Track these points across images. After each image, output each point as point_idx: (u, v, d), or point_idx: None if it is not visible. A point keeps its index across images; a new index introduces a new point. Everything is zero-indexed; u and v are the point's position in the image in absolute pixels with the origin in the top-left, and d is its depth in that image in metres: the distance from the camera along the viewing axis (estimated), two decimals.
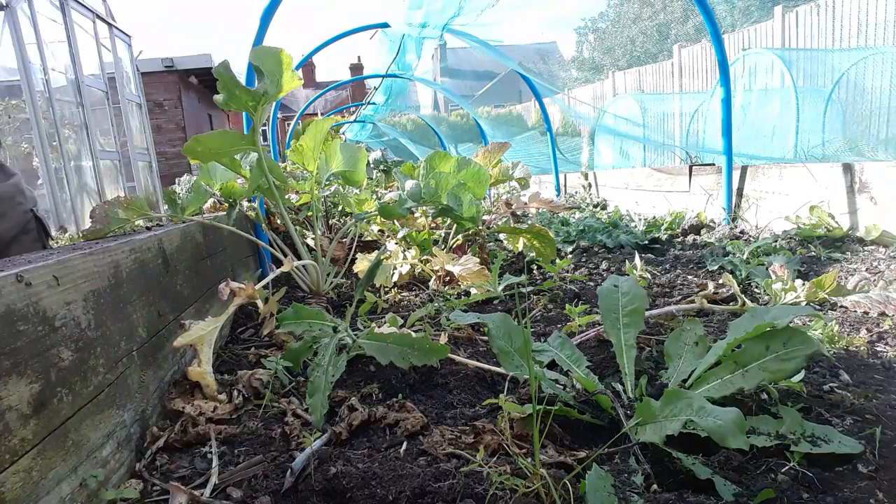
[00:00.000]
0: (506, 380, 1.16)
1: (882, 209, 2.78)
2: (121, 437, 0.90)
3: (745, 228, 3.47)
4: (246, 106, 1.60)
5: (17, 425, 0.64)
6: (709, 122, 6.75)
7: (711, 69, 9.84)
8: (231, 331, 1.76)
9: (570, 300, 1.96)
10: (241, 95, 1.56)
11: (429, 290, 2.20)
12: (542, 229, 2.40)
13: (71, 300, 0.79)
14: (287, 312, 1.34)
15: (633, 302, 1.27)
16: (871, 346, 1.41)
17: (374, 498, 0.82)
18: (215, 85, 1.56)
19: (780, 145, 6.18)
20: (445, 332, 1.59)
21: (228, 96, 1.55)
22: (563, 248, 3.13)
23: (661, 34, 28.94)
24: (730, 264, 2.36)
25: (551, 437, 0.99)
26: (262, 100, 1.58)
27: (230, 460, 0.96)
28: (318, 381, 1.13)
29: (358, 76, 12.94)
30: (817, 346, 0.97)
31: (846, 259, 2.46)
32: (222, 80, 1.51)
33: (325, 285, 2.14)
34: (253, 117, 1.66)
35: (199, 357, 1.14)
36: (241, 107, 1.61)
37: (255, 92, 1.56)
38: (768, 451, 0.94)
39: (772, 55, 6.93)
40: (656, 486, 0.85)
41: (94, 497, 0.79)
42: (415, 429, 1.03)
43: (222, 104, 1.55)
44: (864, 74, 6.26)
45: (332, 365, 1.18)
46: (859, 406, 1.09)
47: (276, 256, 2.13)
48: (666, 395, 0.94)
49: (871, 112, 6.31)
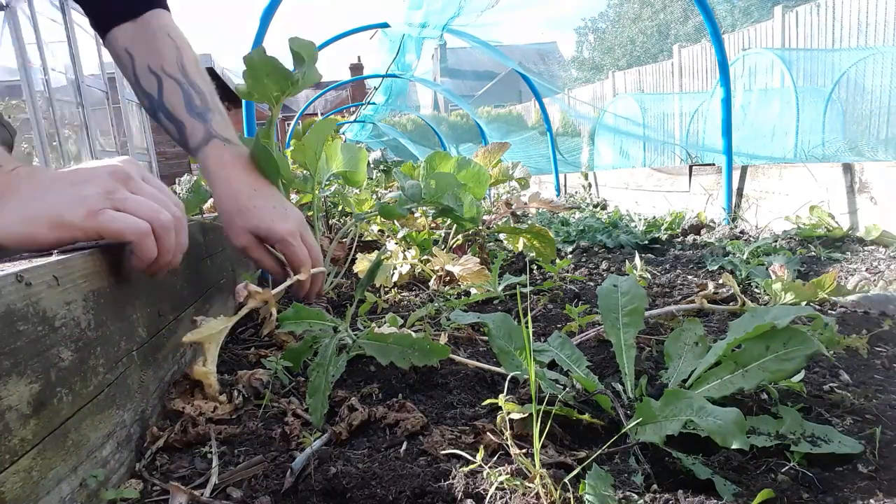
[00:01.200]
0: (506, 380, 1.15)
1: (882, 209, 2.79)
2: (121, 437, 0.90)
3: (745, 228, 3.48)
4: (269, 97, 1.55)
5: (17, 425, 0.64)
6: (709, 121, 6.76)
7: (711, 69, 9.84)
8: (231, 330, 1.76)
9: (570, 300, 1.96)
10: (268, 84, 1.50)
11: (429, 291, 2.20)
12: (542, 229, 2.40)
13: (71, 300, 0.79)
14: (288, 312, 1.33)
15: (632, 302, 1.27)
16: (871, 346, 1.41)
17: (374, 498, 0.82)
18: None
19: (780, 145, 6.19)
20: (445, 332, 1.59)
21: (254, 83, 1.48)
22: (563, 248, 3.13)
23: (661, 34, 28.95)
24: (730, 264, 2.36)
25: (551, 437, 0.99)
26: (289, 89, 1.52)
27: (230, 460, 0.96)
28: (318, 382, 1.12)
29: (358, 76, 12.94)
30: (817, 346, 0.97)
31: (846, 259, 2.46)
32: (255, 66, 1.44)
33: (325, 285, 2.14)
34: (272, 109, 1.63)
35: (204, 356, 1.13)
36: (264, 97, 1.54)
37: (292, 76, 1.50)
38: (768, 451, 0.94)
39: (772, 55, 6.94)
40: (656, 486, 0.85)
41: (94, 497, 0.79)
42: (415, 429, 1.03)
43: (245, 94, 1.51)
44: (864, 74, 6.27)
45: (333, 365, 1.18)
46: (859, 406, 1.09)
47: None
48: (666, 395, 0.94)
49: (871, 112, 6.31)
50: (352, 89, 22.98)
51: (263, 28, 2.61)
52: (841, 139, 5.97)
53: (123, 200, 0.82)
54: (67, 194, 0.80)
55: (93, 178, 0.81)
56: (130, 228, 0.83)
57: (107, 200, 0.80)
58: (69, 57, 7.08)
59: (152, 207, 0.86)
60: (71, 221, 0.80)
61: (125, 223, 0.83)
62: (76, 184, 0.81)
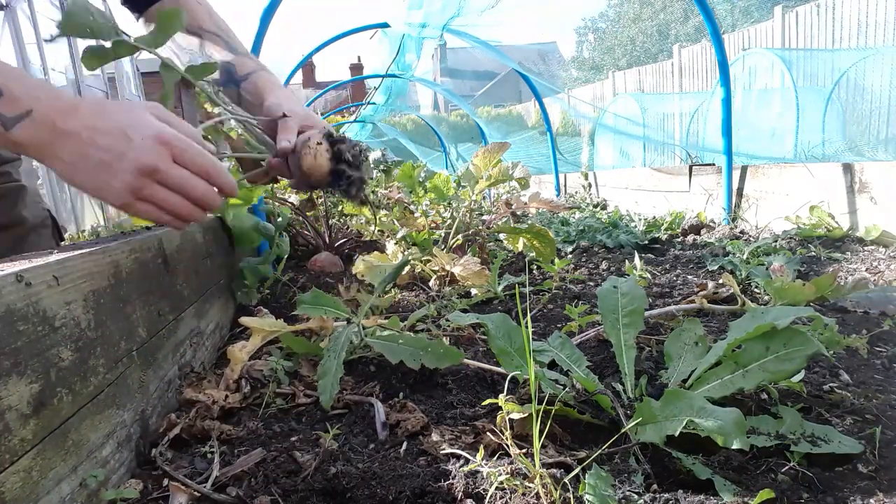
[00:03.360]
0: (506, 380, 1.16)
1: (882, 209, 2.79)
2: (121, 436, 0.90)
3: (745, 228, 3.47)
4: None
5: (17, 425, 0.64)
6: (709, 121, 6.75)
7: (711, 69, 9.84)
8: (230, 330, 1.76)
9: (570, 300, 1.96)
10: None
11: (430, 291, 2.20)
12: (542, 229, 2.40)
13: (71, 300, 0.79)
14: (305, 296, 1.37)
15: (632, 302, 1.27)
16: (871, 346, 1.41)
17: (374, 498, 0.82)
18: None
19: (779, 145, 6.19)
20: (446, 332, 1.59)
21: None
22: (563, 248, 3.13)
23: (661, 34, 28.95)
24: (730, 264, 2.36)
25: (551, 437, 0.99)
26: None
27: (230, 461, 0.96)
28: (329, 365, 1.15)
29: (358, 76, 12.93)
30: (818, 346, 0.97)
31: (846, 259, 2.46)
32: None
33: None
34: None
35: (248, 344, 1.21)
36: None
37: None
38: (768, 451, 0.94)
39: (772, 55, 6.93)
40: (656, 486, 0.85)
41: (94, 497, 0.79)
42: (415, 429, 1.03)
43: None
44: (864, 74, 6.27)
45: (345, 350, 1.20)
46: (859, 406, 1.09)
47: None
48: (666, 396, 0.94)
49: (870, 112, 6.31)
50: (352, 89, 22.95)
51: (263, 28, 2.61)
52: (841, 139, 5.97)
53: (151, 196, 0.88)
54: (101, 178, 0.85)
55: (123, 167, 0.85)
56: (158, 220, 0.92)
57: (133, 195, 0.87)
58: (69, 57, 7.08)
59: (174, 203, 0.90)
60: (109, 201, 0.88)
61: (151, 217, 0.91)
62: (108, 167, 0.85)
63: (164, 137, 0.87)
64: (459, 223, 2.59)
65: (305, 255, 2.86)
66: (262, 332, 1.23)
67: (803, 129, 6.07)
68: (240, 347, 1.19)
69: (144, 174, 0.85)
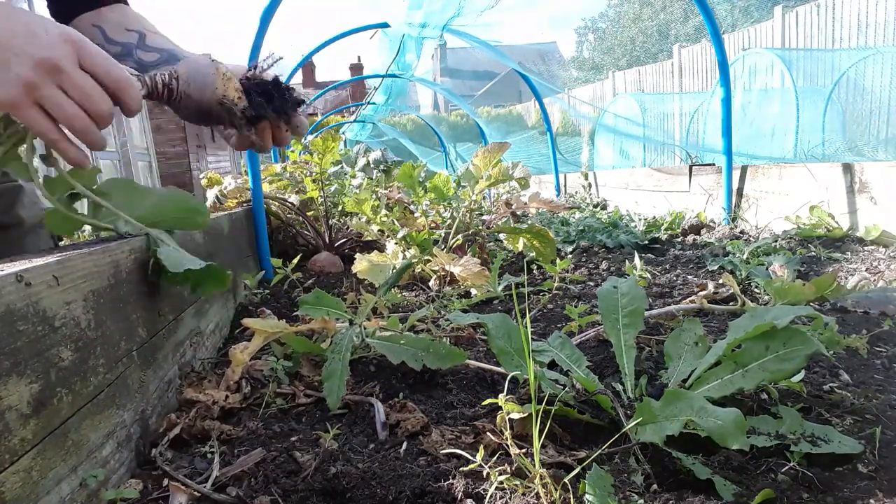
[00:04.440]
0: (506, 380, 1.16)
1: (882, 209, 2.79)
2: (121, 436, 0.90)
3: (745, 228, 3.47)
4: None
5: (17, 425, 0.64)
6: (709, 121, 6.75)
7: (711, 69, 9.84)
8: (230, 330, 1.76)
9: (570, 300, 1.96)
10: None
11: (430, 291, 2.20)
12: (542, 229, 2.40)
13: (71, 300, 0.79)
14: (308, 297, 1.37)
15: (632, 303, 1.27)
16: (871, 346, 1.41)
17: (374, 498, 0.82)
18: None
19: (779, 145, 6.18)
20: (445, 332, 1.59)
21: None
22: (563, 248, 3.13)
23: (661, 34, 28.94)
24: (730, 264, 2.36)
25: (551, 437, 0.99)
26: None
27: (230, 461, 0.96)
28: (334, 366, 1.15)
29: (358, 76, 12.93)
30: (817, 346, 0.97)
31: (846, 259, 2.46)
32: None
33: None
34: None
35: (249, 345, 1.21)
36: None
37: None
38: (768, 451, 0.94)
39: (772, 55, 6.93)
40: (656, 486, 0.85)
41: (94, 497, 0.79)
42: (415, 429, 1.03)
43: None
44: (864, 74, 6.26)
45: (349, 352, 1.20)
46: (859, 406, 1.09)
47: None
48: (666, 396, 0.94)
49: (870, 112, 6.31)
50: (352, 89, 22.95)
51: (263, 28, 2.61)
52: (841, 139, 5.97)
53: (44, 98, 0.79)
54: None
55: (20, 61, 0.77)
56: (43, 133, 0.82)
57: (28, 95, 0.78)
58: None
59: (70, 115, 0.81)
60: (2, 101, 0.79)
61: (39, 127, 0.81)
62: (4, 60, 0.76)
63: (71, 37, 0.79)
64: (459, 223, 2.59)
65: (305, 255, 2.86)
66: (265, 334, 1.23)
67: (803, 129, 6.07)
68: (241, 349, 1.19)
69: (44, 71, 0.77)
